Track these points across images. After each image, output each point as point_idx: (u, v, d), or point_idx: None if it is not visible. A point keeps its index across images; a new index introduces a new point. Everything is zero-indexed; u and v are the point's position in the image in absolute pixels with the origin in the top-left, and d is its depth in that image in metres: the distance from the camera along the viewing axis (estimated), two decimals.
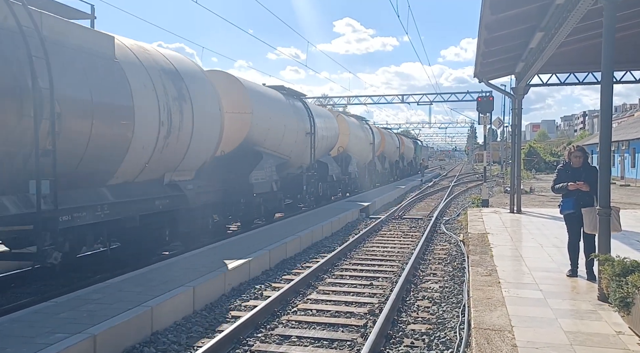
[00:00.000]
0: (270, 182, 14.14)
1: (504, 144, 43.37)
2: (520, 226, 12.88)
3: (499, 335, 4.98)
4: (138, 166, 8.73)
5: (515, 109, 16.06)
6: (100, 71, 7.76)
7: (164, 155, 9.25)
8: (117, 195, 8.24)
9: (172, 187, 9.85)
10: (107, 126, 7.71)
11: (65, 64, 7.05)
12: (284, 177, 15.56)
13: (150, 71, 9.02)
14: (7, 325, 5.25)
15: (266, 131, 14.09)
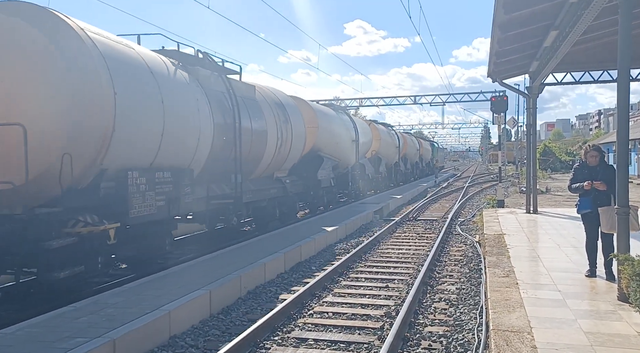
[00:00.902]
0: (329, 179, 18.21)
1: (518, 144, 43.00)
2: (537, 227, 12.76)
3: (518, 337, 4.94)
4: (265, 167, 13.39)
5: (529, 109, 15.94)
6: (253, 109, 12.32)
7: (276, 160, 13.87)
8: (255, 185, 12.73)
9: (278, 181, 14.39)
10: (256, 143, 12.25)
11: (241, 108, 11.47)
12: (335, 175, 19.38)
13: (270, 104, 13.65)
14: (27, 330, 5.33)
15: (327, 140, 18.30)
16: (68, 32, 7.10)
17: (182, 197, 9.08)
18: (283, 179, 14.53)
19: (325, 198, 18.52)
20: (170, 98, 8.71)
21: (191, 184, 9.44)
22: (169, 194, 8.65)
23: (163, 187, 8.51)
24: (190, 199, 9.40)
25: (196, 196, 9.73)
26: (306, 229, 12.65)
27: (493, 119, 26.60)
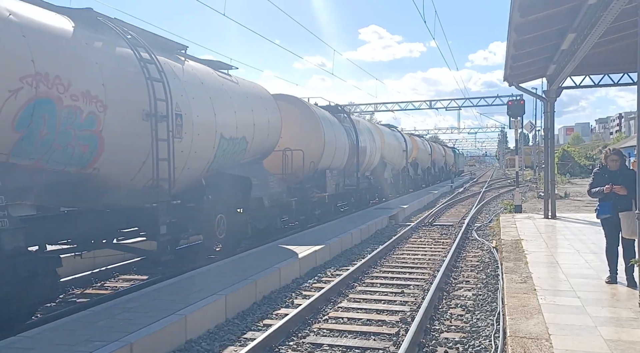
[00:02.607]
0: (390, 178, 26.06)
1: (536, 148, 42.53)
2: (555, 232, 12.59)
3: (536, 344, 4.87)
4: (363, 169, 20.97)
5: (547, 112, 15.76)
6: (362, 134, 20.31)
7: (368, 164, 21.70)
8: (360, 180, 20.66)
9: (366, 178, 22.16)
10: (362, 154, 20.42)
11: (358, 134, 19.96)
12: None
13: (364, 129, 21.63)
14: (48, 333, 5.40)
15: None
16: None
17: (340, 183, 17.89)
18: (369, 177, 22.48)
19: (367, 195, 23.13)
20: (338, 133, 17.32)
21: (342, 177, 18.02)
22: (337, 181, 17.42)
23: (336, 178, 17.39)
24: (342, 184, 18.02)
25: (343, 183, 18.16)
26: (324, 233, 12.65)
27: (510, 124, 26.34)
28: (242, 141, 11.02)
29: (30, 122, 6.18)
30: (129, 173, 7.97)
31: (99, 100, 7.09)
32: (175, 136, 8.42)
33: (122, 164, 7.74)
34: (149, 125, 7.91)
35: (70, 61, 6.77)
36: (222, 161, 10.35)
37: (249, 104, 11.50)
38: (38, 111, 6.23)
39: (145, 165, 8.01)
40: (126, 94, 7.65)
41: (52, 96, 6.41)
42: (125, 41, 8.02)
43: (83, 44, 7.17)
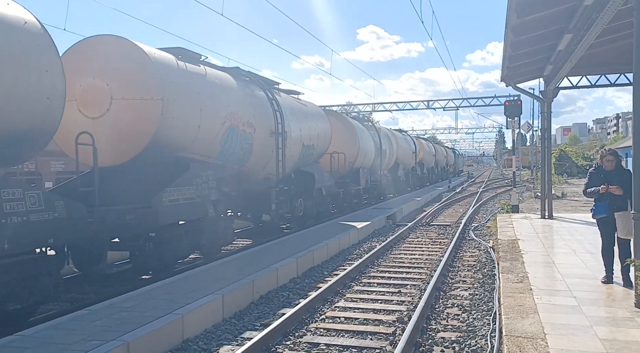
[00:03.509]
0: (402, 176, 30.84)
1: (533, 148, 42.59)
2: (552, 232, 12.62)
3: (532, 343, 4.89)
4: (385, 168, 25.77)
5: (544, 113, 15.80)
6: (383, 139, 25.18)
7: (387, 164, 26.18)
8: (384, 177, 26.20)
9: (385, 175, 26.29)
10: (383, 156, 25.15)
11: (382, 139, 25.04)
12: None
13: (384, 135, 25.92)
14: (45, 332, 5.41)
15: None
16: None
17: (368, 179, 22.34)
18: (387, 174, 26.64)
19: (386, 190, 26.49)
20: (367, 139, 21.63)
21: (370, 174, 22.60)
22: (366, 177, 21.81)
23: (366, 175, 21.79)
24: (369, 180, 22.50)
25: (370, 179, 22.77)
26: (320, 233, 12.67)
27: (507, 124, 26.34)
28: (312, 147, 15.66)
29: (227, 140, 10.71)
30: (259, 170, 12.59)
31: (252, 125, 11.73)
32: (285, 146, 13.27)
33: (258, 164, 12.35)
34: (274, 139, 12.72)
35: (241, 104, 11.39)
36: (301, 162, 15.16)
37: (314, 120, 16.10)
38: (231, 134, 10.80)
39: (268, 165, 12.82)
40: (264, 120, 12.30)
41: (236, 125, 11.00)
42: (259, 87, 12.90)
43: (244, 92, 11.82)
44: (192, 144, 9.66)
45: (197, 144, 9.79)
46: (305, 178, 15.23)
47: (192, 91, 9.59)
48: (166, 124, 8.80)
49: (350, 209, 19.56)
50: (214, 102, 10.19)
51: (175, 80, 9.15)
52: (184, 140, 9.43)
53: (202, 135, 9.81)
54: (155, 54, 9.04)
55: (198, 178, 9.62)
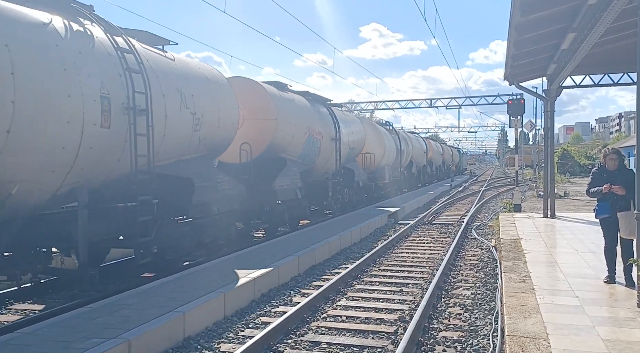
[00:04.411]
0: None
1: (536, 147, 42.51)
2: (554, 231, 12.59)
3: (534, 343, 4.88)
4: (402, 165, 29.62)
5: (547, 112, 15.75)
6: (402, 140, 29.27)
7: (403, 162, 29.57)
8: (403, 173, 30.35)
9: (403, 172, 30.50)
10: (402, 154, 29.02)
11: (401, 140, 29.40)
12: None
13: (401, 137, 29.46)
14: (46, 330, 5.41)
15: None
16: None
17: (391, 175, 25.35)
18: (403, 171, 30.02)
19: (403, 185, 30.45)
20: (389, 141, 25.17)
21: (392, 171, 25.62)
22: (390, 174, 25.12)
23: (390, 171, 25.37)
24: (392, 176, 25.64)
25: (392, 175, 25.81)
26: (322, 231, 12.67)
27: (510, 123, 26.31)
28: (353, 149, 19.65)
29: (306, 145, 14.58)
30: (323, 166, 16.48)
31: (321, 134, 15.76)
32: (340, 148, 17.26)
33: (322, 162, 16.24)
34: (334, 144, 16.79)
35: (314, 118, 15.48)
36: (345, 160, 18.43)
37: (355, 127, 20.05)
38: (308, 140, 14.73)
39: (327, 163, 16.71)
40: (328, 130, 16.45)
41: (311, 134, 14.93)
42: (322, 104, 17.24)
43: (315, 109, 16.04)
44: (288, 148, 13.72)
45: (290, 149, 13.84)
46: (348, 173, 19.01)
47: (290, 112, 13.82)
48: (277, 135, 12.94)
49: (376, 200, 23.08)
50: (299, 118, 14.30)
51: (280, 105, 13.29)
52: (284, 146, 13.48)
53: (294, 142, 13.93)
54: (269, 88, 13.29)
55: (291, 171, 13.76)
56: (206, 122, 9.55)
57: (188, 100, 8.97)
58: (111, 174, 7.52)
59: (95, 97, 6.85)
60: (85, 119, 6.66)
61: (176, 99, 8.65)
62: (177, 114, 8.65)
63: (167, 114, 8.35)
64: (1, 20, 5.79)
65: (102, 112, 6.96)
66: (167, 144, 8.45)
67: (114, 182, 7.62)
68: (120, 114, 7.29)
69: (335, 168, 17.15)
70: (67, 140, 6.50)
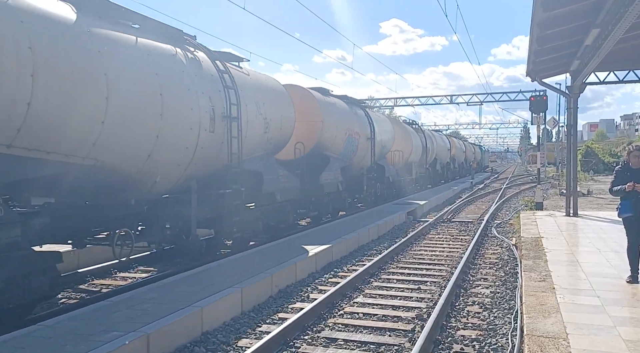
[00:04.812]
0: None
1: (559, 144, 41.84)
2: (576, 230, 12.40)
3: (553, 343, 4.81)
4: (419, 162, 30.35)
5: (570, 109, 15.49)
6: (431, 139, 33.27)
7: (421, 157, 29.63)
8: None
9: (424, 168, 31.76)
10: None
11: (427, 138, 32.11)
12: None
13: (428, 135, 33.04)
14: (67, 323, 5.51)
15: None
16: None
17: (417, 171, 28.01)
18: (428, 168, 31.29)
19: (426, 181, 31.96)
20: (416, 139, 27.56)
21: (418, 167, 27.80)
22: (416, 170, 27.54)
23: (416, 168, 27.48)
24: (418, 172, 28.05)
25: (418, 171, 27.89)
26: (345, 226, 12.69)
27: (532, 120, 25.91)
28: (385, 147, 21.61)
29: (346, 144, 16.44)
30: (359, 163, 18.20)
31: (358, 133, 17.53)
32: (375, 147, 19.25)
33: (359, 159, 18.03)
34: (369, 142, 18.74)
35: (352, 120, 17.29)
36: (378, 157, 20.04)
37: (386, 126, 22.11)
38: (348, 139, 16.52)
39: (363, 160, 18.59)
40: (364, 130, 18.26)
41: (350, 134, 16.73)
42: (359, 106, 19.38)
43: (353, 111, 17.89)
44: (331, 147, 15.54)
45: (333, 147, 15.70)
46: (380, 169, 20.52)
47: (333, 114, 15.65)
48: (322, 135, 14.82)
49: (403, 195, 24.16)
50: (340, 120, 16.04)
51: (325, 109, 15.19)
52: (328, 144, 15.33)
53: (336, 141, 15.80)
54: (315, 94, 15.17)
55: (333, 167, 15.60)
56: (272, 125, 11.50)
57: (261, 108, 10.94)
58: (212, 168, 9.56)
59: (207, 109, 8.89)
60: (201, 127, 8.77)
61: (253, 107, 10.63)
62: (254, 119, 10.63)
63: (248, 120, 10.29)
64: (152, 57, 7.84)
65: (210, 121, 9.01)
66: (248, 144, 10.29)
67: (213, 174, 9.65)
68: (220, 122, 9.35)
69: (369, 164, 19.12)
70: (189, 142, 8.56)
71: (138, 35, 7.74)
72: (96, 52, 6.70)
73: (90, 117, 6.58)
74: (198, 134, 8.67)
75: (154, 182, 8.09)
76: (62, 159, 6.39)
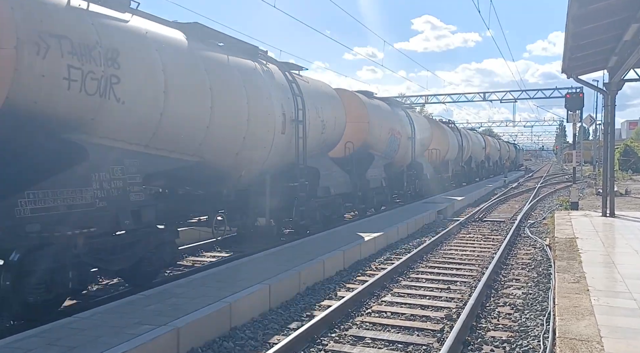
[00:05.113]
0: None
1: (596, 143, 40.67)
2: (613, 231, 12.04)
3: (586, 346, 4.70)
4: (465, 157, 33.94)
5: (607, 106, 15.05)
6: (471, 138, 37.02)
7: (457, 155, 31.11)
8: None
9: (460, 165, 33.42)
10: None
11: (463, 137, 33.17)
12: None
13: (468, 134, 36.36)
14: (102, 315, 5.67)
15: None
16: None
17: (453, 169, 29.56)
18: (463, 166, 32.59)
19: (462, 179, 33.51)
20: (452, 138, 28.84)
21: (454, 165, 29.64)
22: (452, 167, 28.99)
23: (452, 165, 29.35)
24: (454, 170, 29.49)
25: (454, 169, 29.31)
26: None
27: (567, 117, 25.21)
28: (424, 145, 23.09)
29: (389, 142, 17.73)
30: (400, 160, 19.46)
31: (400, 133, 18.74)
32: (415, 145, 20.69)
33: (400, 156, 19.24)
34: (410, 142, 19.99)
35: (395, 120, 18.57)
36: (417, 155, 21.52)
37: (424, 126, 23.45)
38: (391, 139, 17.91)
39: (404, 158, 19.82)
40: (405, 130, 19.48)
41: (393, 134, 18.05)
42: (400, 107, 20.85)
43: (394, 112, 19.12)
44: (376, 145, 16.85)
45: (378, 146, 16.97)
46: (418, 167, 21.73)
47: (378, 116, 16.90)
48: (370, 134, 16.19)
49: (440, 191, 24.84)
50: (384, 121, 17.33)
51: (371, 111, 16.45)
52: (373, 143, 16.63)
53: (380, 140, 17.16)
54: (362, 97, 16.47)
55: (378, 164, 16.98)
56: (328, 126, 13.03)
57: (319, 111, 12.43)
58: (281, 164, 11.08)
59: (280, 115, 10.51)
60: (275, 129, 10.36)
61: (313, 111, 12.08)
62: (314, 122, 12.10)
63: (309, 122, 11.74)
64: (241, 71, 9.43)
65: (282, 124, 10.59)
66: (309, 144, 11.71)
67: (281, 169, 11.20)
68: (290, 124, 10.96)
69: (409, 161, 20.62)
70: (267, 142, 10.15)
71: (228, 54, 9.31)
72: (204, 71, 8.30)
73: (200, 123, 8.21)
74: (273, 136, 10.27)
75: (240, 176, 9.80)
76: (179, 157, 8.05)
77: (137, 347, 4.75)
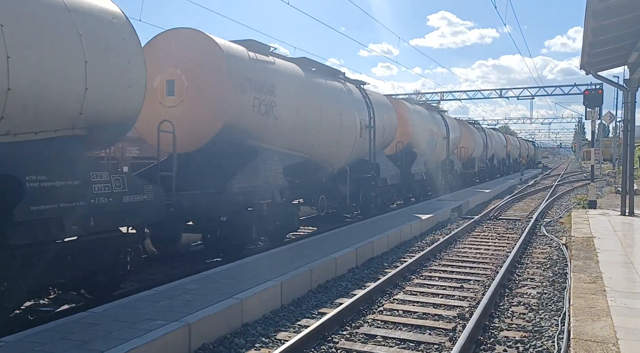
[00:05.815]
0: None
1: (616, 140, 39.98)
2: (632, 230, 11.83)
3: (601, 348, 4.61)
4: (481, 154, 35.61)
5: (627, 103, 14.76)
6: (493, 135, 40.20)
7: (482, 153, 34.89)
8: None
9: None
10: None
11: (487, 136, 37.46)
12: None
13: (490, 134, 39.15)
14: (115, 310, 5.72)
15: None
16: None
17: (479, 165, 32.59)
18: (487, 162, 35.29)
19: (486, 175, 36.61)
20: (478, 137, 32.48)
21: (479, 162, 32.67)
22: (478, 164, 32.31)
23: (478, 162, 32.31)
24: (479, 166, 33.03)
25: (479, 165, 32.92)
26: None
27: (586, 114, 24.81)
28: (455, 144, 25.83)
29: (429, 142, 21.37)
30: (437, 158, 22.81)
31: (437, 134, 22.35)
32: (449, 144, 24.43)
33: (436, 154, 22.42)
34: (445, 142, 23.78)
35: (433, 123, 22.33)
36: (450, 152, 24.92)
37: (455, 126, 26.33)
38: (430, 139, 21.49)
39: (439, 155, 23.04)
40: (441, 131, 23.11)
41: (431, 135, 21.80)
42: (437, 112, 24.78)
43: (432, 115, 22.80)
44: (418, 145, 19.82)
45: (419, 145, 20.01)
46: (450, 163, 24.86)
47: (419, 119, 20.21)
48: (412, 136, 19.21)
49: (469, 185, 27.78)
50: (425, 123, 20.68)
51: (414, 115, 19.68)
52: (415, 143, 19.66)
53: (422, 140, 20.21)
54: (407, 103, 19.97)
55: (419, 161, 19.71)
56: (386, 129, 16.41)
57: (380, 118, 15.70)
58: (356, 159, 14.54)
59: (358, 122, 13.99)
60: (356, 133, 13.88)
61: (378, 118, 15.33)
62: (378, 126, 15.38)
63: (375, 126, 15.07)
64: (335, 91, 13.08)
65: (360, 130, 14.13)
66: (375, 144, 15.13)
67: (355, 164, 14.60)
68: (364, 129, 14.43)
69: (443, 158, 23.81)
70: (350, 143, 13.65)
71: (326, 78, 12.81)
72: (315, 93, 11.92)
73: (313, 131, 11.77)
74: (355, 139, 13.74)
75: (333, 168, 13.28)
76: (298, 154, 11.43)
77: (149, 342, 4.78)
